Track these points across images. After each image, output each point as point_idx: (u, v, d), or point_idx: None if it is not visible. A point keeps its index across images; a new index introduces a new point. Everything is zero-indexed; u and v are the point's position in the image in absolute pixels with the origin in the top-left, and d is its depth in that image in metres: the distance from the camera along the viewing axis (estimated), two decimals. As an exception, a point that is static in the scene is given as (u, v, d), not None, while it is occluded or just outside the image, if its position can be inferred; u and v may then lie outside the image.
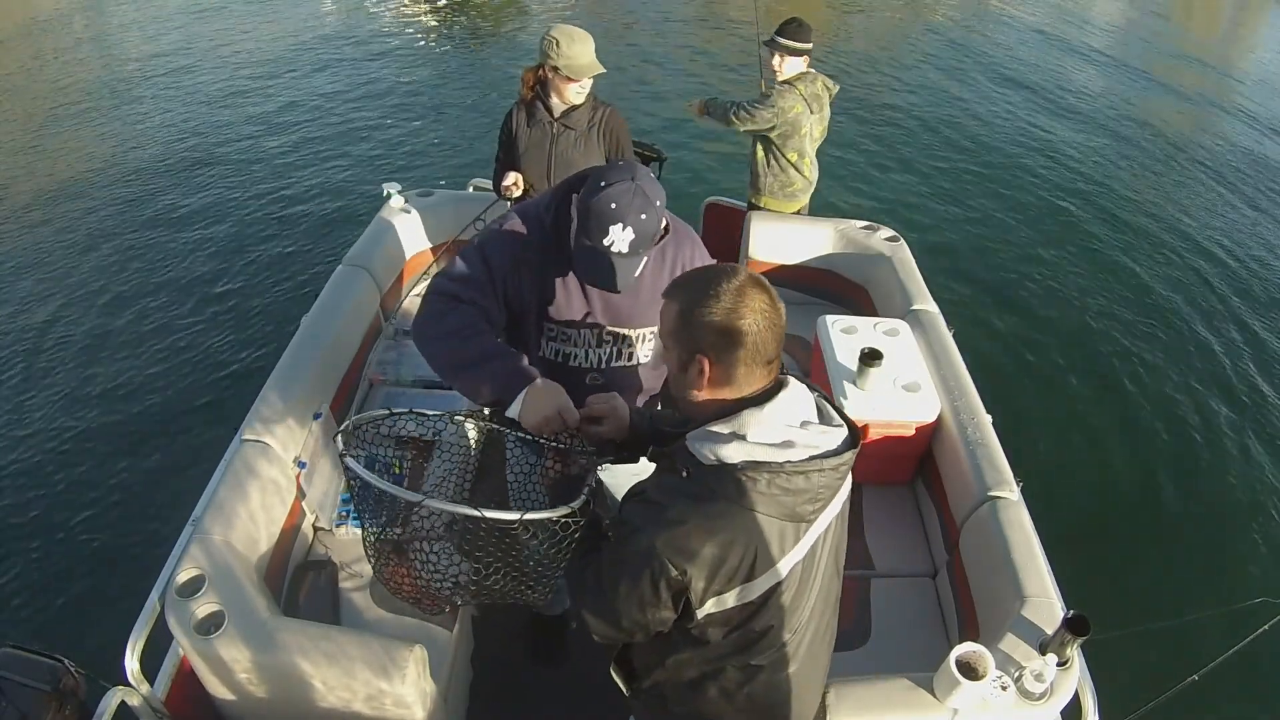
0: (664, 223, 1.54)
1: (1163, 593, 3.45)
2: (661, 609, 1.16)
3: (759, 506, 1.11)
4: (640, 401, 1.83)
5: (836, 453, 1.15)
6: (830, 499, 1.19)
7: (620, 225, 1.43)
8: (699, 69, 8.94)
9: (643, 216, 1.44)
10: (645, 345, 1.74)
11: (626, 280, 1.51)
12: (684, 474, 1.15)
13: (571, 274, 1.62)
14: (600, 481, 1.37)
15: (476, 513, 1.10)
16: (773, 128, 3.27)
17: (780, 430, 1.13)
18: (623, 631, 1.22)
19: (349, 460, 1.20)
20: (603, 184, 1.45)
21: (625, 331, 1.70)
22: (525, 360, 1.52)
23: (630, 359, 1.73)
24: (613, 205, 1.43)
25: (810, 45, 3.26)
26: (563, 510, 1.19)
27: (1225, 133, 8.89)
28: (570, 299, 1.65)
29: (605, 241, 1.44)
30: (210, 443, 3.31)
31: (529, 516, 1.14)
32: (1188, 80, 10.76)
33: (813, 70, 3.33)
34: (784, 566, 1.16)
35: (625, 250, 1.46)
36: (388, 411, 1.35)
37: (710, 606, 1.16)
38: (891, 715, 1.72)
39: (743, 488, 1.10)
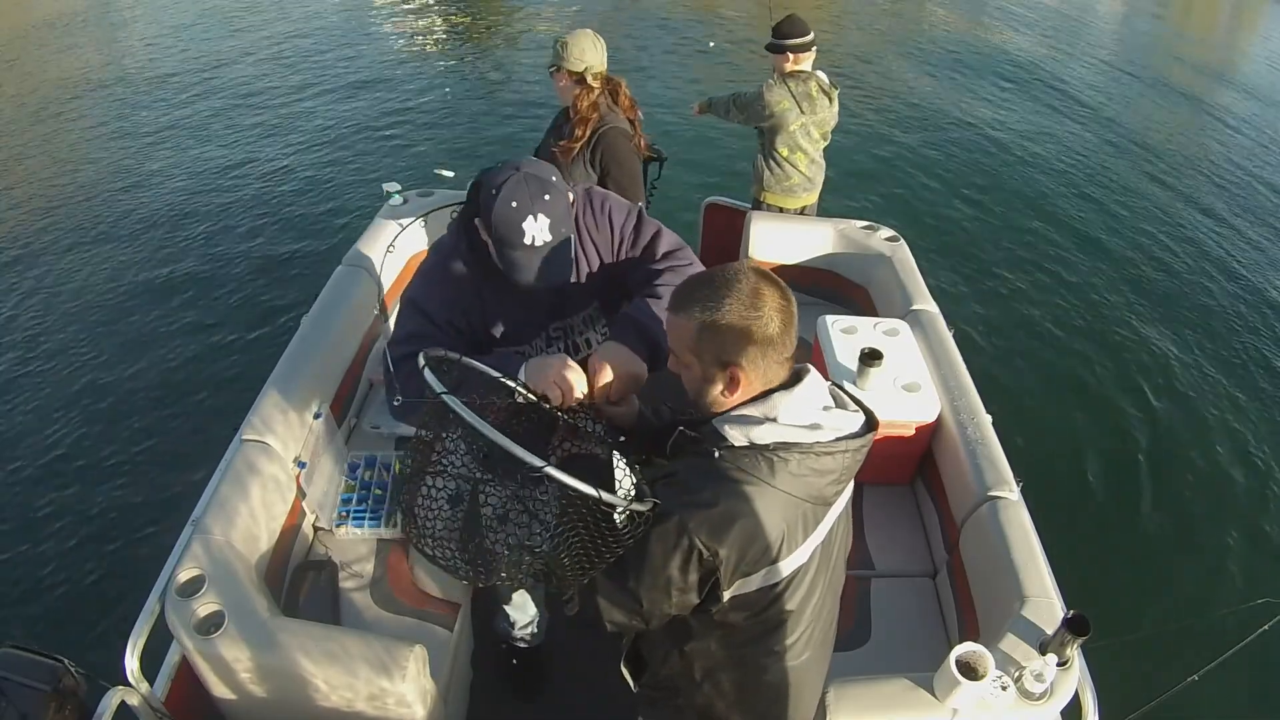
0: (570, 196, 1.50)
1: (1164, 592, 3.45)
2: (688, 592, 1.15)
3: (789, 487, 1.12)
4: None
5: (859, 434, 1.18)
6: (848, 482, 1.21)
7: (531, 218, 1.40)
8: (698, 67, 8.95)
9: (546, 198, 1.41)
10: (598, 326, 1.70)
11: (569, 264, 1.49)
12: (715, 455, 1.15)
13: (497, 294, 1.58)
14: (639, 473, 1.31)
15: (594, 492, 1.03)
16: (763, 120, 3.34)
17: (809, 413, 1.15)
18: (640, 617, 1.20)
19: (457, 406, 1.08)
20: (494, 191, 1.42)
21: (569, 321, 1.67)
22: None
23: (588, 345, 1.71)
24: (513, 204, 1.40)
25: (811, 35, 3.29)
26: (649, 504, 1.12)
27: (1225, 130, 8.90)
28: (509, 316, 1.62)
29: (526, 241, 1.41)
30: (210, 443, 3.30)
31: (636, 507, 1.09)
32: (1186, 78, 10.77)
33: (809, 70, 3.35)
34: (806, 549, 1.18)
35: (550, 238, 1.43)
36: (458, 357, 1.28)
37: (736, 589, 1.16)
38: (891, 715, 1.71)
39: (775, 468, 1.12)
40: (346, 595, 2.24)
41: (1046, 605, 1.85)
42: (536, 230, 1.42)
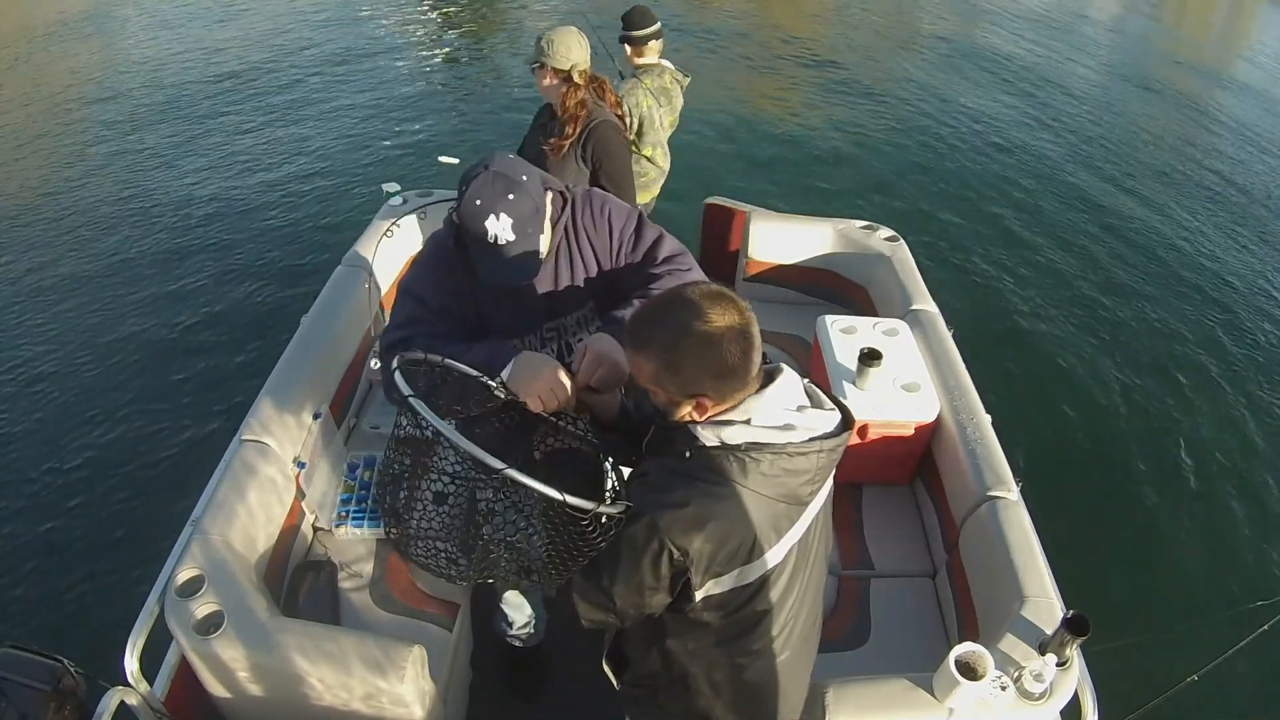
0: (544, 195, 1.50)
1: (1163, 592, 3.45)
2: (660, 591, 1.16)
3: (761, 488, 1.12)
4: None
5: (833, 434, 1.17)
6: (824, 481, 1.21)
7: (493, 217, 1.41)
8: (690, 61, 8.94)
9: (510, 197, 1.41)
10: (590, 328, 1.69)
11: (534, 264, 1.49)
12: (686, 455, 1.15)
13: (492, 288, 1.59)
14: (620, 474, 1.30)
15: (559, 496, 1.04)
16: (638, 128, 3.27)
17: (780, 414, 1.15)
18: (615, 615, 1.21)
19: (421, 407, 1.09)
20: (463, 187, 1.43)
21: (563, 321, 1.67)
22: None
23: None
24: (477, 202, 1.41)
25: (658, 25, 3.26)
26: (620, 507, 1.13)
27: (1223, 130, 8.90)
28: (503, 311, 1.62)
29: (489, 239, 1.42)
30: (210, 443, 3.31)
31: (604, 509, 1.09)
32: (1181, 78, 10.77)
33: (661, 62, 3.33)
34: (781, 549, 1.18)
35: (513, 237, 1.43)
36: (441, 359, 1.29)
37: (709, 589, 1.17)
38: (891, 715, 1.72)
39: (746, 469, 1.12)
40: (346, 595, 2.24)
41: (1046, 605, 1.86)
42: (499, 229, 1.42)
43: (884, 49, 10.32)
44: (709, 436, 1.13)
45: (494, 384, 1.33)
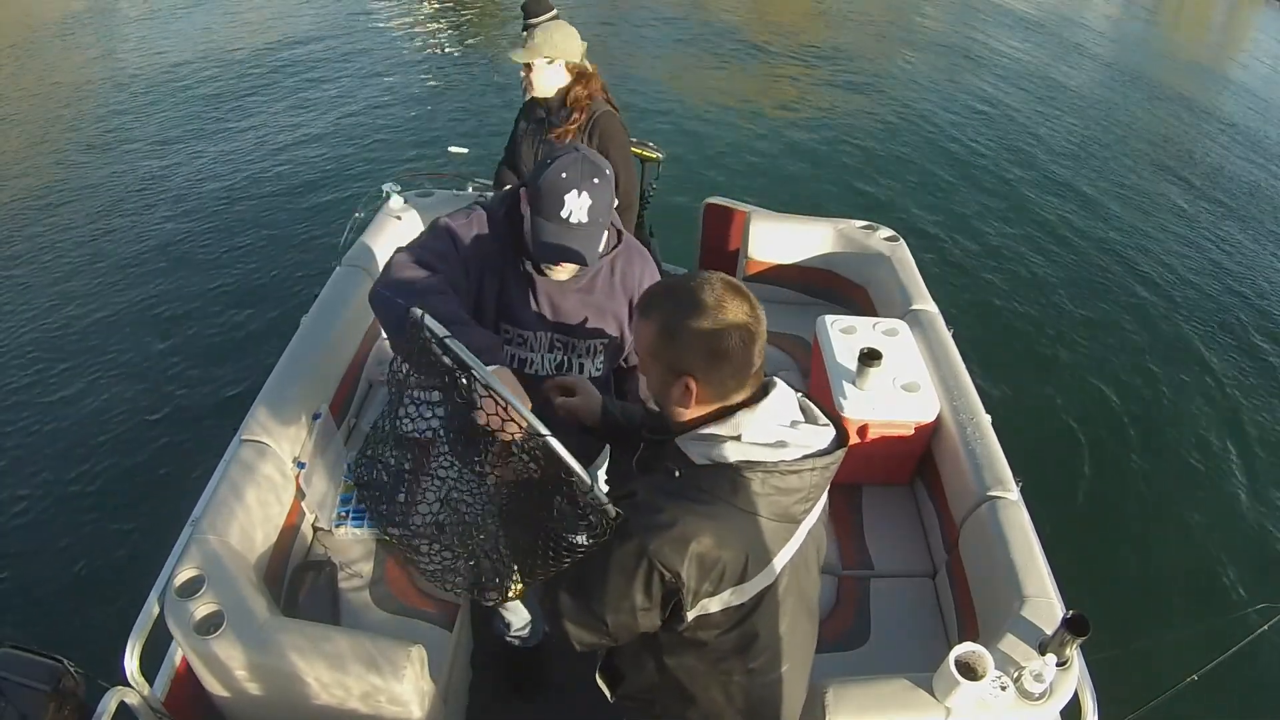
0: (614, 199, 1.51)
1: (1164, 592, 3.45)
2: (652, 611, 1.14)
3: (753, 507, 1.10)
4: None
5: (827, 451, 1.15)
6: (817, 499, 1.19)
7: (575, 192, 1.42)
8: (689, 60, 8.95)
9: (595, 181, 1.43)
10: (596, 359, 1.70)
11: (593, 253, 1.50)
12: (675, 474, 1.13)
13: (525, 278, 1.59)
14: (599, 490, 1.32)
15: (581, 470, 1.03)
16: None
17: (773, 430, 1.13)
18: (609, 637, 1.18)
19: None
20: (549, 161, 1.44)
21: (575, 341, 1.67)
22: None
23: (581, 370, 1.69)
24: (563, 175, 1.42)
25: (553, 12, 3.29)
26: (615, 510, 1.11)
27: (1219, 129, 8.90)
28: (525, 302, 1.62)
29: (563, 213, 1.43)
30: (210, 443, 3.30)
31: (606, 504, 1.07)
32: (1180, 78, 10.77)
33: None
34: (775, 568, 1.16)
35: (585, 219, 1.44)
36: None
37: (701, 609, 1.14)
38: (891, 715, 1.71)
39: (737, 487, 1.09)
40: (346, 595, 2.24)
41: (1046, 605, 1.86)
42: (576, 206, 1.43)
43: (882, 49, 10.32)
44: (699, 455, 1.12)
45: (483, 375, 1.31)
